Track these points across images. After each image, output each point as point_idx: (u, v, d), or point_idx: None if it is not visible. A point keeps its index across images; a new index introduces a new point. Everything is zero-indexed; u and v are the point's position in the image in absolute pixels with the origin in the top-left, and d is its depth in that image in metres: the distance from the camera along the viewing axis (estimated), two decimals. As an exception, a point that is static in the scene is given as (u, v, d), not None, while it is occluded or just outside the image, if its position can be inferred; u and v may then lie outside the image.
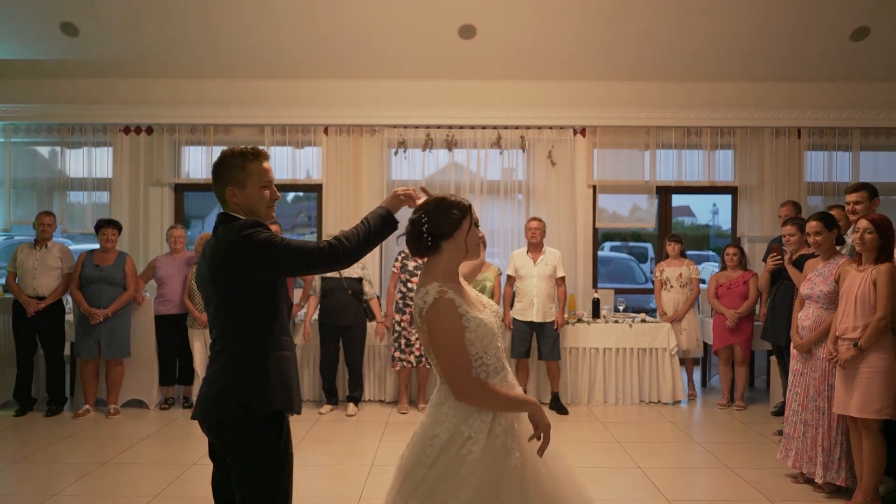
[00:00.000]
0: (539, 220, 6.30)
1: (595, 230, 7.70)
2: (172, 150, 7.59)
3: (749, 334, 6.38)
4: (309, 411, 6.15)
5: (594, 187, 7.63)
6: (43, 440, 5.29)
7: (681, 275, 6.77)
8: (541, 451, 2.14)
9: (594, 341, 6.47)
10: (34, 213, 7.38)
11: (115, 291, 5.86)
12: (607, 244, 14.06)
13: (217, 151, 7.63)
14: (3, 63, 7.15)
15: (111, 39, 6.97)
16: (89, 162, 7.55)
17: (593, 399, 6.50)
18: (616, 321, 6.55)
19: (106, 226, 5.94)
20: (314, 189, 7.75)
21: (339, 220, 7.37)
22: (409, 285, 6.06)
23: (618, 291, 9.50)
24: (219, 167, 2.36)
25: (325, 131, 7.52)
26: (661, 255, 7.62)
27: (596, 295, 6.78)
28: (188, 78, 7.38)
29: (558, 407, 6.18)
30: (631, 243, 13.65)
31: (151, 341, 6.17)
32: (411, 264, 6.10)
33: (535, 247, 6.26)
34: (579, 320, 6.52)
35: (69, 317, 6.17)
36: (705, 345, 7.08)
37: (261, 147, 2.41)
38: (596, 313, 6.64)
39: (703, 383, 7.35)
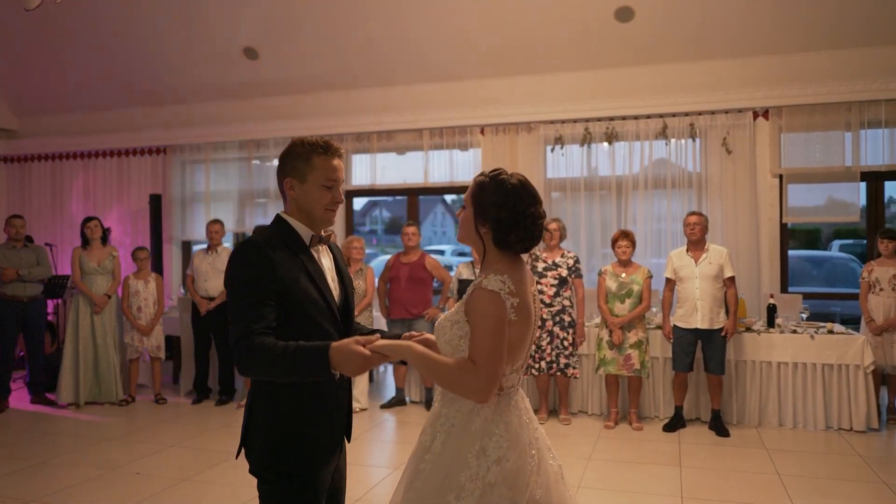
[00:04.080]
0: (699, 214, 5.60)
1: (783, 225, 6.67)
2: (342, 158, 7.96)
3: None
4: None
5: (781, 176, 6.63)
6: (199, 427, 5.80)
7: (894, 276, 5.62)
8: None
9: (766, 354, 5.58)
10: (231, 222, 8.26)
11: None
12: (836, 242, 12.21)
13: (381, 158, 7.90)
14: (194, 88, 8.05)
15: (285, 60, 7.51)
16: (273, 173, 8.22)
17: (765, 421, 5.61)
18: (795, 331, 5.59)
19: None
20: (472, 191, 7.66)
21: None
22: (539, 287, 5.72)
23: (831, 297, 8.33)
24: (284, 156, 2.12)
25: (482, 131, 7.40)
26: (871, 253, 6.41)
27: (771, 300, 5.84)
28: (352, 89, 7.70)
29: (718, 427, 5.42)
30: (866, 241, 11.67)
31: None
32: (540, 265, 5.75)
33: (695, 244, 5.56)
34: (748, 329, 5.67)
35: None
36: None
37: (337, 143, 2.12)
38: (771, 322, 5.73)
39: (920, 409, 6.01)
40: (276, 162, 7.90)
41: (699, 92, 6.72)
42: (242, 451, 2.11)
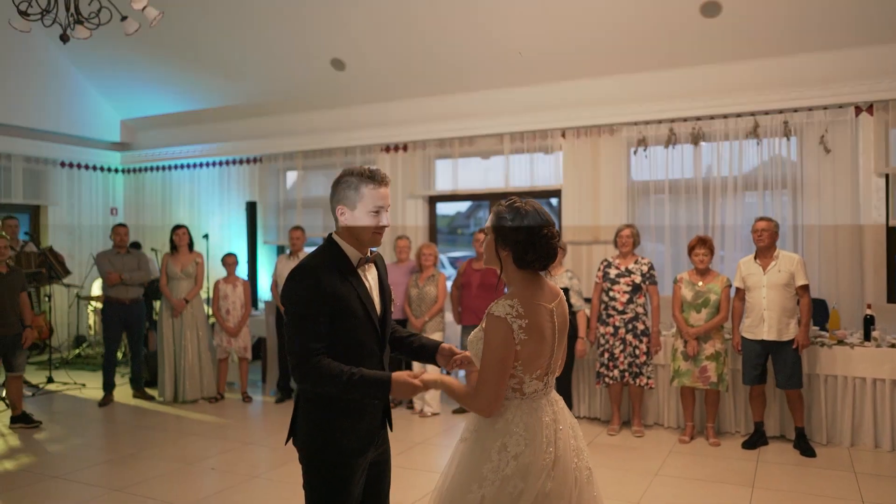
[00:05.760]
0: (768, 219, 5.27)
1: (890, 230, 6.13)
2: (425, 164, 8.09)
3: None
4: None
5: (887, 176, 6.10)
6: (278, 425, 6.04)
7: None
8: None
9: (860, 369, 5.14)
10: (319, 228, 8.57)
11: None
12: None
13: (463, 163, 7.93)
14: (285, 99, 8.42)
15: (370, 71, 7.71)
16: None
17: (860, 441, 5.17)
18: (893, 345, 5.12)
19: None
20: (554, 195, 7.56)
21: (578, 224, 7.09)
22: (611, 294, 5.55)
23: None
24: (336, 185, 2.33)
25: (563, 135, 7.28)
26: None
27: (868, 311, 5.37)
28: (434, 96, 7.78)
29: (803, 447, 5.05)
30: None
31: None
32: (613, 272, 5.58)
33: (764, 251, 5.24)
34: (840, 342, 5.25)
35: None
36: None
37: (384, 172, 2.35)
38: (867, 335, 5.28)
39: None
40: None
41: (794, 87, 6.30)
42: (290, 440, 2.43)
